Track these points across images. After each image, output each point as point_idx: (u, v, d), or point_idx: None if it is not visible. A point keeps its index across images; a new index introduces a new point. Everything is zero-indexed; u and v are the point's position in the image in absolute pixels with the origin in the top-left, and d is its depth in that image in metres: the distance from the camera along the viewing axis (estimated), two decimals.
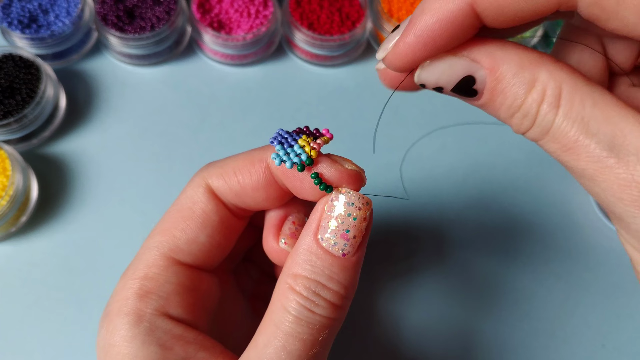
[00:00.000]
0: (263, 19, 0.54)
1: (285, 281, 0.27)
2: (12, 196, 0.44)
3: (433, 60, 0.24)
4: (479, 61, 0.23)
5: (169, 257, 0.31)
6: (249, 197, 0.31)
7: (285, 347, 0.26)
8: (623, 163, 0.21)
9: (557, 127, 0.22)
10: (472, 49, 0.24)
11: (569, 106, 0.22)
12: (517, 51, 0.23)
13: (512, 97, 0.23)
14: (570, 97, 0.22)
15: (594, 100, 0.22)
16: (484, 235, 0.50)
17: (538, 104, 0.22)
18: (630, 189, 0.21)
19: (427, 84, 0.25)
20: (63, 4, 0.53)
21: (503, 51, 0.23)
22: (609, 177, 0.21)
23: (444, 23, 0.24)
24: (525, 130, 0.24)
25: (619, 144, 0.21)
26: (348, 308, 0.28)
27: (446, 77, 0.24)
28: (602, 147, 0.21)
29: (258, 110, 0.54)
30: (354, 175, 0.27)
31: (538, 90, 0.22)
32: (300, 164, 0.27)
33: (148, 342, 0.29)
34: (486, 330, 0.47)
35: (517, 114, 0.23)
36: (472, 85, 0.24)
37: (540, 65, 0.23)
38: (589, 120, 0.21)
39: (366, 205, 0.27)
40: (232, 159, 0.32)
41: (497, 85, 0.23)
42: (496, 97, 0.24)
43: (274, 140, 0.28)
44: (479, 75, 0.24)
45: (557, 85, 0.22)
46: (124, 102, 0.54)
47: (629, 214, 0.21)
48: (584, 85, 0.22)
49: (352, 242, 0.27)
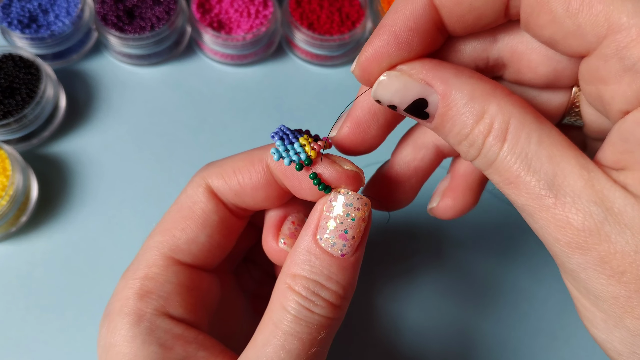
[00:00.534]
0: (263, 19, 0.54)
1: (284, 281, 0.27)
2: (12, 196, 0.44)
3: (389, 77, 0.25)
4: (432, 85, 0.24)
5: (169, 256, 0.31)
6: (248, 197, 0.31)
7: (284, 346, 0.27)
8: (560, 204, 0.21)
9: (500, 161, 0.23)
10: (428, 73, 0.24)
11: (514, 141, 0.22)
12: (471, 80, 0.23)
13: (460, 126, 0.23)
14: (517, 133, 0.22)
15: (540, 138, 0.22)
16: (484, 235, 0.50)
17: (484, 135, 0.23)
18: (565, 230, 0.21)
19: (382, 101, 0.26)
20: (63, 4, 0.53)
21: (457, 78, 0.24)
22: (546, 216, 0.22)
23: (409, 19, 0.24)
24: (472, 158, 0.24)
25: (558, 184, 0.21)
26: (347, 308, 0.29)
27: (400, 96, 0.25)
28: (542, 185, 0.21)
29: (258, 110, 0.55)
30: (353, 176, 0.27)
31: (485, 123, 0.23)
32: (299, 163, 0.27)
33: (148, 341, 0.29)
34: (486, 331, 0.47)
35: (464, 142, 0.24)
36: (425, 108, 0.24)
37: (492, 97, 0.23)
38: (533, 157, 0.22)
39: (365, 205, 0.27)
40: (232, 158, 0.32)
41: (448, 112, 0.24)
42: (446, 123, 0.24)
43: (275, 136, 0.28)
44: (432, 99, 0.24)
45: (505, 119, 0.22)
46: (124, 102, 0.54)
47: (564, 254, 0.22)
48: (532, 121, 0.22)
49: (350, 243, 0.27)
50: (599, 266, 0.21)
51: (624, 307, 0.21)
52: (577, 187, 0.21)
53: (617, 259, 0.20)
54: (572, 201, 0.21)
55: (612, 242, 0.20)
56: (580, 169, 0.21)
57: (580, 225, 0.21)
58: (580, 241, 0.21)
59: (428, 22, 0.25)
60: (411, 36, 0.25)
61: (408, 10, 0.25)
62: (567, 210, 0.21)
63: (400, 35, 0.25)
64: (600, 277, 0.21)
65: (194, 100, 0.54)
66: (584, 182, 0.21)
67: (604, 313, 0.22)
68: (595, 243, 0.21)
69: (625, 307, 0.21)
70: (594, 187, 0.21)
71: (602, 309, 0.22)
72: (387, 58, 0.25)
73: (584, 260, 0.21)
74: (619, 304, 0.21)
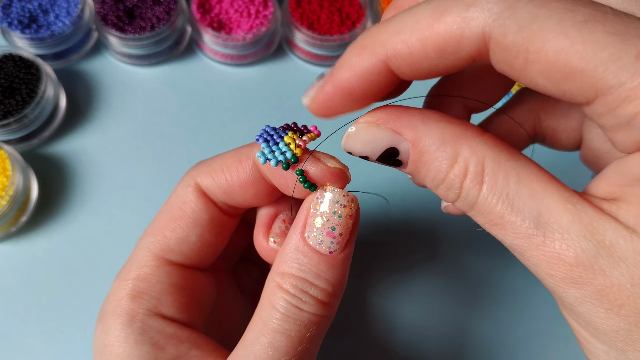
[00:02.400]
0: (263, 19, 0.54)
1: (273, 279, 0.28)
2: (12, 196, 0.45)
3: (357, 129, 0.25)
4: (401, 133, 0.24)
5: (160, 257, 0.31)
6: (237, 195, 0.31)
7: (272, 343, 0.27)
8: (549, 241, 0.21)
9: (481, 203, 0.22)
10: (395, 121, 0.24)
11: (492, 182, 0.22)
12: (439, 124, 0.23)
13: (435, 171, 0.23)
14: (494, 173, 0.22)
15: (518, 176, 0.22)
16: (483, 234, 0.50)
17: (460, 179, 0.23)
18: (558, 266, 0.21)
19: (353, 153, 0.25)
20: (63, 4, 0.53)
21: (424, 124, 0.23)
22: (537, 254, 0.21)
23: (360, 78, 0.24)
24: (452, 201, 0.24)
25: (544, 221, 0.21)
26: (337, 305, 0.29)
27: (370, 148, 0.25)
28: (528, 224, 0.21)
29: (258, 110, 0.54)
30: (337, 173, 0.28)
31: (460, 166, 0.22)
32: (285, 162, 0.27)
33: (141, 342, 0.29)
34: (485, 331, 0.47)
35: (441, 186, 0.24)
36: (397, 156, 0.24)
37: (462, 139, 0.23)
38: (514, 196, 0.21)
39: (351, 202, 0.27)
40: (220, 157, 0.32)
41: (420, 158, 0.24)
42: (420, 169, 0.24)
43: (260, 138, 0.28)
44: (402, 147, 0.24)
45: (479, 161, 0.22)
46: (124, 102, 0.54)
47: (561, 290, 0.21)
48: (507, 160, 0.22)
49: (338, 240, 0.27)
50: (596, 300, 0.20)
51: (625, 340, 0.21)
52: (565, 222, 0.20)
53: (614, 292, 0.20)
54: (561, 237, 0.20)
55: (608, 276, 0.20)
56: (564, 203, 0.21)
57: (573, 260, 0.20)
58: (574, 276, 0.20)
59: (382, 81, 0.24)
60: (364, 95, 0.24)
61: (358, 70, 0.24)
62: (558, 247, 0.20)
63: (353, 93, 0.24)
64: (599, 310, 0.20)
65: (194, 100, 0.54)
66: (571, 216, 0.20)
67: (605, 345, 0.22)
68: (590, 277, 0.20)
69: (627, 340, 0.20)
70: (582, 220, 0.20)
71: (603, 341, 0.22)
72: (340, 108, 0.25)
73: (581, 294, 0.21)
74: (620, 337, 0.21)
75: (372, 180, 0.52)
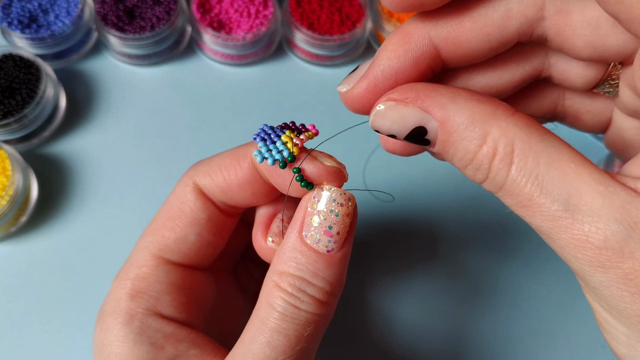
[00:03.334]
0: (263, 19, 0.54)
1: (271, 278, 0.28)
2: (12, 196, 0.45)
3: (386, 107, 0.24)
4: (430, 112, 0.23)
5: (158, 256, 0.31)
6: (235, 194, 0.31)
7: (270, 342, 0.27)
8: (578, 224, 0.20)
9: (510, 184, 0.22)
10: (425, 99, 0.23)
11: (522, 163, 0.22)
12: (469, 103, 0.23)
13: (463, 151, 0.23)
14: (524, 155, 0.22)
15: (549, 157, 0.21)
16: (483, 234, 0.50)
17: (489, 159, 0.22)
18: (586, 249, 0.20)
19: (380, 131, 0.25)
20: (63, 4, 0.53)
21: (454, 103, 0.23)
22: (565, 237, 0.21)
23: (406, 67, 0.24)
24: (480, 181, 0.24)
25: (574, 203, 0.20)
26: (335, 304, 0.29)
27: (398, 126, 0.24)
28: (557, 206, 0.21)
29: (258, 110, 0.54)
30: (334, 172, 0.27)
31: (489, 146, 0.22)
32: (282, 161, 0.27)
33: (139, 341, 0.29)
34: (485, 331, 0.47)
35: (470, 167, 0.23)
36: (425, 135, 0.24)
37: (493, 119, 0.22)
38: (544, 178, 0.21)
39: (348, 201, 0.27)
40: (219, 156, 0.32)
41: (449, 138, 0.23)
42: (448, 149, 0.24)
43: (257, 137, 0.28)
44: (431, 126, 0.24)
45: (509, 142, 0.22)
46: (124, 102, 0.54)
47: (586, 273, 0.21)
48: (538, 141, 0.22)
49: (335, 239, 0.27)
50: (622, 284, 0.20)
51: None
52: (595, 204, 0.20)
53: None
54: (590, 220, 0.20)
55: (638, 259, 0.20)
56: (596, 185, 0.20)
57: (602, 243, 0.20)
58: (602, 259, 0.20)
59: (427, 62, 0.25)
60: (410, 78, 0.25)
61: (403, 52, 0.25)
62: (587, 230, 0.20)
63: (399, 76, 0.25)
64: (624, 294, 0.20)
65: (194, 100, 0.54)
66: (602, 199, 0.20)
67: (627, 328, 0.21)
68: (619, 261, 0.20)
69: None
70: (614, 202, 0.20)
71: (625, 325, 0.21)
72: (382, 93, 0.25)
73: (607, 278, 0.20)
74: None
75: (371, 180, 0.52)
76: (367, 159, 0.52)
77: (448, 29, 0.25)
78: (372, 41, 0.58)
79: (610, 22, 0.23)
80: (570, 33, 0.24)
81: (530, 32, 0.25)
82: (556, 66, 0.28)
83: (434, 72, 0.27)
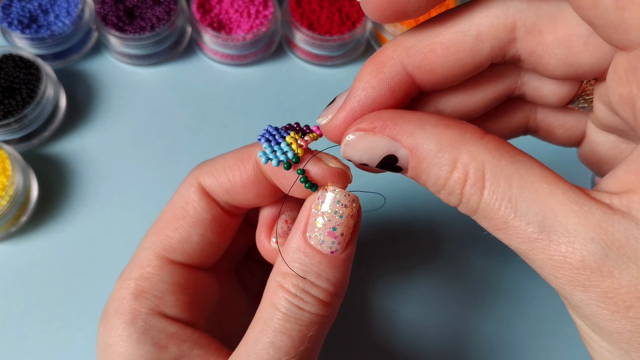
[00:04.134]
0: (263, 19, 0.54)
1: (275, 279, 0.28)
2: (12, 196, 0.44)
3: (355, 137, 0.24)
4: (399, 140, 0.23)
5: (162, 256, 0.32)
6: (239, 195, 0.31)
7: (273, 343, 0.27)
8: (555, 244, 0.20)
9: (484, 208, 0.22)
10: (392, 128, 0.23)
11: (494, 187, 0.21)
12: (437, 129, 0.23)
13: (434, 177, 0.23)
14: (495, 178, 0.21)
15: (521, 179, 0.21)
16: (483, 235, 0.50)
17: (461, 185, 0.22)
18: (564, 270, 0.20)
19: (352, 161, 0.25)
20: (63, 4, 0.53)
21: (422, 130, 0.23)
22: (542, 257, 0.21)
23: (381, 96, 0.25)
24: (454, 205, 0.23)
25: (549, 224, 0.20)
26: (339, 305, 0.29)
27: (368, 155, 0.24)
28: (532, 228, 0.20)
29: (258, 110, 0.55)
30: (339, 173, 0.28)
31: (460, 172, 0.22)
32: (287, 162, 0.27)
33: (143, 341, 0.29)
34: (486, 331, 0.47)
35: (443, 191, 0.23)
36: (396, 163, 0.24)
37: (461, 145, 0.22)
38: (517, 200, 0.21)
39: (352, 202, 0.27)
40: (223, 157, 0.32)
41: (419, 165, 0.23)
42: (420, 175, 0.24)
43: (262, 138, 0.28)
44: (401, 154, 0.24)
45: (479, 166, 0.22)
46: (124, 102, 0.54)
47: (566, 292, 0.21)
48: (509, 163, 0.21)
49: (339, 240, 0.27)
50: (602, 302, 0.20)
51: (629, 341, 0.20)
52: (570, 224, 0.20)
53: (622, 294, 0.19)
54: (567, 240, 0.20)
55: (616, 278, 0.19)
56: (570, 204, 0.20)
57: (580, 264, 0.20)
58: (581, 279, 0.20)
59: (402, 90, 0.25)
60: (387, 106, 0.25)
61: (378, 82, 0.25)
62: (564, 251, 0.20)
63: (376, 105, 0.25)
64: (604, 312, 0.20)
65: (194, 100, 0.54)
66: (577, 218, 0.20)
67: (609, 345, 0.21)
68: (598, 280, 0.20)
69: (631, 341, 0.20)
70: (589, 221, 0.20)
71: (607, 341, 0.21)
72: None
73: (586, 297, 0.20)
74: (625, 339, 0.20)
75: (372, 180, 0.52)
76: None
77: (421, 56, 0.25)
78: (372, 41, 0.58)
79: (583, 40, 0.23)
80: (542, 52, 0.24)
81: (502, 54, 0.25)
82: (529, 84, 0.28)
83: (410, 97, 0.27)
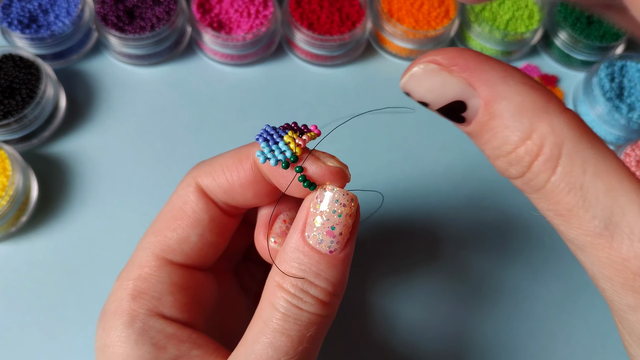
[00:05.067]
0: (263, 19, 0.54)
1: (273, 279, 0.28)
2: (12, 196, 0.44)
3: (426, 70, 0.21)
4: (476, 88, 0.20)
5: (161, 257, 0.31)
6: (237, 194, 0.31)
7: (272, 343, 0.27)
8: (617, 244, 0.19)
9: (550, 189, 0.20)
10: (473, 72, 0.20)
11: (568, 169, 0.19)
12: (522, 88, 0.20)
13: (501, 140, 0.20)
14: (571, 160, 0.19)
15: (596, 167, 0.19)
16: (483, 235, 0.50)
17: (531, 157, 0.20)
18: (620, 272, 0.19)
19: (412, 96, 0.22)
20: (63, 4, 0.53)
21: (505, 84, 0.20)
22: (599, 255, 0.19)
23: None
24: (511, 177, 0.21)
25: (615, 222, 0.19)
26: (338, 305, 0.29)
27: (434, 95, 0.21)
28: (598, 222, 0.19)
29: (258, 110, 0.55)
30: (337, 173, 0.27)
31: (535, 143, 0.20)
32: (285, 161, 0.27)
33: (141, 342, 0.29)
34: (485, 331, 0.47)
35: (503, 159, 0.21)
36: (462, 112, 0.21)
37: (543, 113, 0.20)
38: (588, 189, 0.19)
39: (351, 201, 0.27)
40: (221, 156, 0.32)
41: (490, 122, 0.20)
42: (485, 133, 0.21)
43: (259, 137, 0.28)
44: (472, 103, 0.21)
45: (557, 142, 0.19)
46: (124, 102, 0.54)
47: (615, 294, 0.20)
48: (588, 147, 0.19)
49: (338, 239, 0.27)
50: None
51: None
52: (637, 227, 0.18)
53: None
54: (630, 243, 0.18)
55: None
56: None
57: (638, 269, 0.18)
58: (636, 285, 0.19)
59: None
60: None
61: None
62: (625, 253, 0.19)
63: None
64: None
65: (194, 100, 0.54)
66: None
67: None
68: None
69: None
70: None
71: None
72: None
73: (636, 304, 0.19)
74: None
75: (372, 180, 0.52)
76: (368, 159, 0.52)
77: None
78: (372, 41, 0.58)
79: None
80: None
81: None
82: None
83: None
